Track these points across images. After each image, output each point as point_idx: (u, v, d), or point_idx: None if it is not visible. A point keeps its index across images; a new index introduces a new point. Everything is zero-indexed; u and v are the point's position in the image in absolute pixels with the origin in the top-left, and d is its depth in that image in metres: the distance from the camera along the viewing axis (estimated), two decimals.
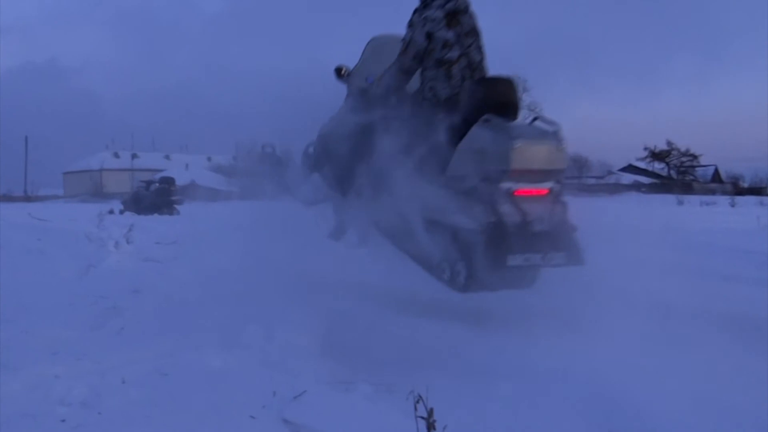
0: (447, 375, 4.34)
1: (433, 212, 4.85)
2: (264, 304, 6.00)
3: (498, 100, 4.83)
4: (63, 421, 3.42)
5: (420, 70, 5.26)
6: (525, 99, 63.63)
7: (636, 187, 63.59)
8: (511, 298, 6.21)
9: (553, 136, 4.59)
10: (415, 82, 5.31)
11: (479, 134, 4.60)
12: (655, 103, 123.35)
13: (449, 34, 5.17)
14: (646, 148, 73.74)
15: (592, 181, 65.95)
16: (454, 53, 5.17)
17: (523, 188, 4.55)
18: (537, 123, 4.74)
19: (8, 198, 46.85)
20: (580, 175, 66.96)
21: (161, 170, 46.99)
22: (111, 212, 12.66)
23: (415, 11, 5.39)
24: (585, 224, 4.92)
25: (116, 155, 62.65)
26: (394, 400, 3.81)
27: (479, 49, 5.40)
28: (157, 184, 28.31)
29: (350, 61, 6.29)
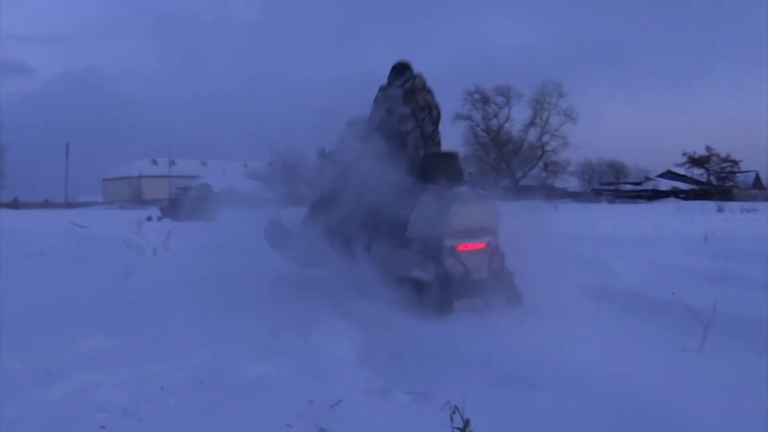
0: (483, 384, 4.32)
1: (399, 268, 5.73)
2: (300, 311, 6.03)
3: (444, 171, 5.79)
4: (103, 427, 3.45)
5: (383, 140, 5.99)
6: (561, 105, 63.27)
7: (674, 193, 62.69)
8: (551, 310, 6.17)
9: (485, 198, 5.82)
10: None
11: (425, 202, 5.54)
12: (695, 108, 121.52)
13: (406, 110, 6.06)
14: (684, 154, 72.54)
15: (629, 187, 65.18)
16: (409, 125, 6.06)
17: (464, 244, 5.43)
18: (472, 190, 6.00)
19: (49, 204, 47.65)
20: (617, 182, 66.26)
21: (198, 177, 47.41)
22: (149, 219, 12.80)
23: (380, 89, 6.37)
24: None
25: (154, 162, 63.48)
26: (430, 409, 3.79)
27: (433, 121, 6.20)
28: (195, 191, 28.58)
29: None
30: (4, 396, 3.85)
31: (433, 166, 5.84)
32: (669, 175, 73.09)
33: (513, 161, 66.82)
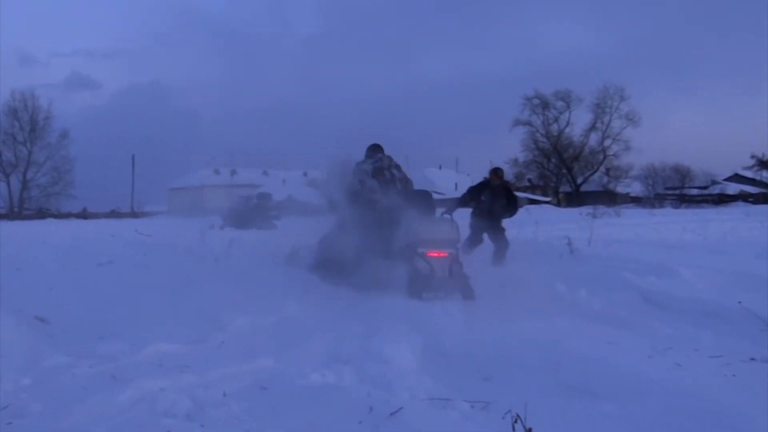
0: (546, 393, 4.26)
1: (387, 271, 7.40)
2: (363, 320, 6.05)
3: (419, 202, 7.95)
4: None
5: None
6: (622, 108, 62.07)
7: (742, 197, 60.92)
8: (613, 317, 6.06)
9: (449, 222, 7.85)
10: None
11: (406, 224, 7.51)
12: (763, 109, 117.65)
13: (374, 183, 8.18)
14: (753, 156, 70.36)
15: (695, 191, 63.61)
16: (376, 196, 8.10)
17: (432, 252, 7.30)
18: (440, 215, 8.21)
19: (116, 214, 48.91)
20: (681, 186, 64.72)
21: (259, 186, 48.05)
22: (211, 227, 13.03)
23: (357, 163, 8.46)
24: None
25: (216, 172, 64.54)
26: (492, 418, 3.76)
27: (396, 191, 8.23)
28: (255, 200, 28.93)
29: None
30: (74, 401, 3.96)
31: (411, 200, 7.95)
32: (736, 178, 71.10)
33: (574, 166, 65.83)
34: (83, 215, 47.61)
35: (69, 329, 6.32)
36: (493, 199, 10.81)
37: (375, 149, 8.61)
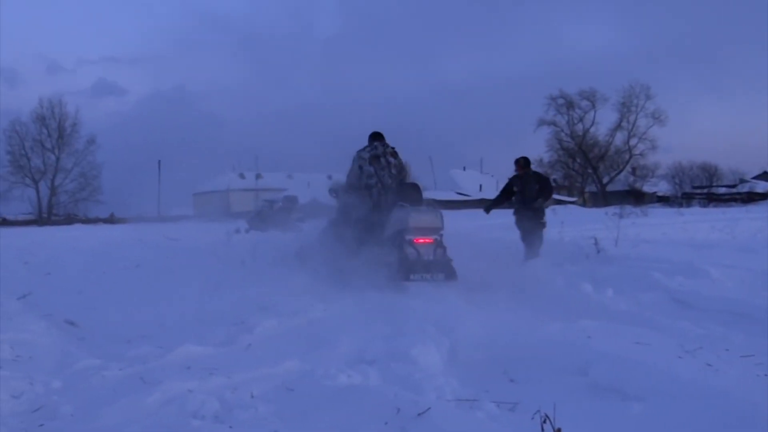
0: (575, 393, 4.24)
1: (381, 255, 8.07)
2: (389, 321, 6.05)
3: (408, 194, 8.58)
4: None
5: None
6: (648, 107, 61.44)
7: None
8: (642, 318, 6.01)
9: (434, 211, 8.42)
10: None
11: (396, 213, 8.26)
12: None
13: (371, 169, 8.97)
14: None
15: (723, 190, 62.85)
16: (372, 180, 8.92)
17: (418, 238, 8.00)
18: (427, 206, 8.63)
19: (143, 219, 49.32)
20: (709, 185, 64.00)
21: (284, 189, 48.26)
22: (237, 231, 13.10)
23: (358, 151, 9.20)
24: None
25: (242, 176, 64.82)
26: (519, 419, 3.75)
27: (391, 175, 9.04)
28: (281, 203, 28.99)
29: None
30: (104, 403, 4.01)
31: (402, 192, 8.66)
32: (765, 176, 70.15)
33: (599, 166, 65.22)
34: (111, 220, 48.06)
35: (98, 332, 6.41)
36: (524, 188, 10.76)
37: (375, 137, 9.32)
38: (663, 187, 67.12)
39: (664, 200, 58.94)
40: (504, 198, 11.15)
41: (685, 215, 23.95)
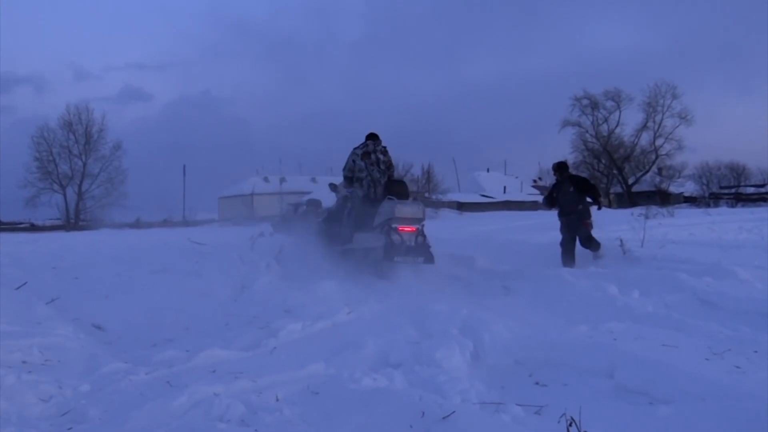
0: (601, 397, 4.21)
1: (371, 240, 9.47)
2: (413, 324, 6.05)
3: (396, 189, 9.75)
4: None
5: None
6: (675, 106, 60.75)
7: None
8: (668, 319, 5.94)
9: (416, 204, 9.60)
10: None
11: (384, 204, 9.37)
12: None
13: (362, 164, 10.29)
14: None
15: (751, 189, 61.98)
16: (363, 174, 10.28)
17: (402, 227, 9.13)
18: (412, 200, 9.89)
19: (168, 223, 49.67)
20: (737, 184, 63.18)
21: (308, 192, 48.34)
22: (261, 235, 13.14)
23: (353, 148, 10.48)
24: None
25: (266, 179, 65.01)
26: (545, 422, 3.73)
27: (380, 171, 10.36)
28: (305, 207, 29.07)
29: None
30: (131, 406, 4.05)
31: (390, 188, 9.79)
32: None
33: (625, 167, 64.53)
34: (137, 225, 48.45)
35: (125, 336, 6.47)
36: (559, 194, 10.73)
37: (370, 137, 10.57)
38: (690, 188, 66.19)
39: (691, 200, 58.17)
40: (548, 206, 11.27)
41: (713, 215, 23.66)
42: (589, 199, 10.61)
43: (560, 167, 11.12)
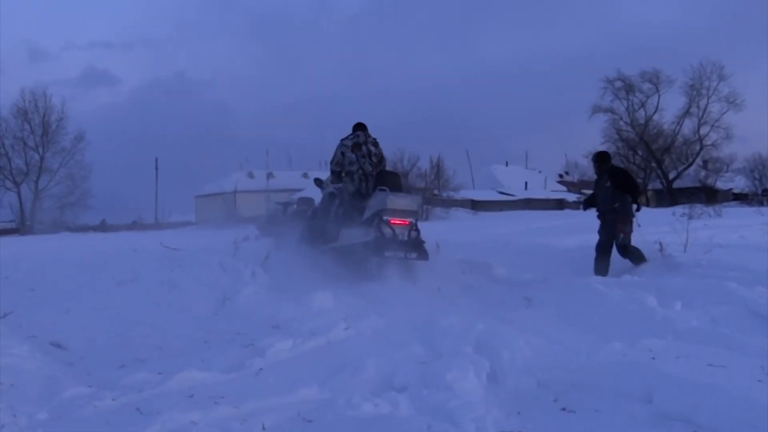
0: (638, 425, 4.22)
1: (360, 235, 9.77)
2: (420, 341, 6.05)
3: (389, 180, 10.28)
4: None
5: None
6: (722, 89, 60.59)
7: None
8: (714, 334, 5.94)
9: (410, 196, 10.36)
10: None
11: (375, 196, 9.81)
12: None
13: (353, 156, 10.75)
14: None
15: None
16: (354, 167, 10.72)
17: (395, 220, 9.48)
18: (405, 192, 10.83)
19: (139, 226, 49.71)
20: None
21: (299, 190, 48.35)
22: (246, 239, 13.12)
23: (341, 139, 10.96)
24: None
25: (251, 175, 64.82)
26: None
27: (371, 163, 10.83)
28: (295, 206, 29.04)
29: None
30: None
31: (382, 179, 10.29)
32: None
33: (665, 159, 64.33)
34: (102, 227, 48.53)
35: (89, 356, 6.48)
36: (598, 190, 10.76)
37: (358, 127, 11.15)
38: (739, 183, 66.13)
39: (741, 198, 58.21)
40: (584, 206, 11.57)
41: (766, 215, 23.65)
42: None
43: (600, 157, 11.12)
